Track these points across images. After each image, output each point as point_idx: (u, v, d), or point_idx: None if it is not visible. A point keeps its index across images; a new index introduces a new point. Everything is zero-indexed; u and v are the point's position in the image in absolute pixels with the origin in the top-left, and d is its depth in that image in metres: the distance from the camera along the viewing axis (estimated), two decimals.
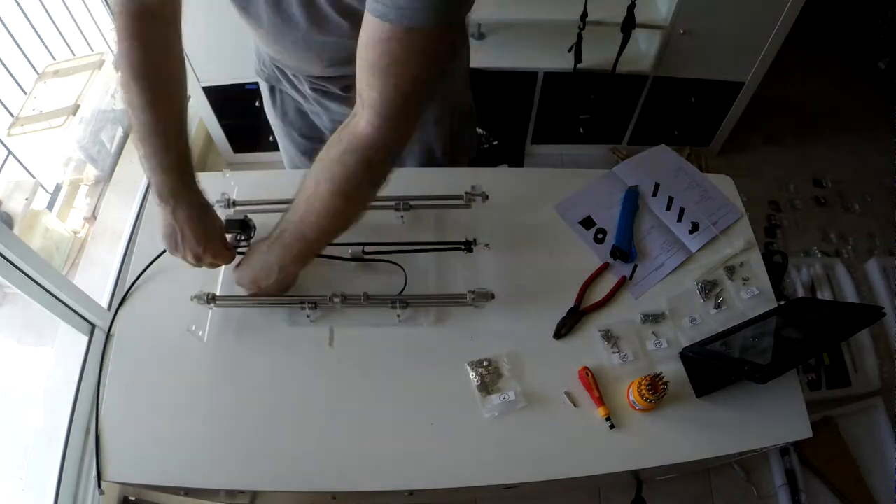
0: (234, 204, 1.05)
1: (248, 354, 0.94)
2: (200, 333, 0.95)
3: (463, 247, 0.99)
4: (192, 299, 0.94)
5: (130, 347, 0.95)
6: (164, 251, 1.01)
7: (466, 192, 1.02)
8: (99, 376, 0.96)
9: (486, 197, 1.02)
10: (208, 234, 0.90)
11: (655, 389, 0.85)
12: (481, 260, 1.02)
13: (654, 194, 1.12)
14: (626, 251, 1.03)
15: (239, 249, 0.98)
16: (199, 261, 0.92)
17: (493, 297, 0.94)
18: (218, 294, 0.96)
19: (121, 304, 1.00)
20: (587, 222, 1.08)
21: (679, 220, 1.08)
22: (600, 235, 1.07)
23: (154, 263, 1.01)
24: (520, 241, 1.05)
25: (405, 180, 1.00)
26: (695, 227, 1.07)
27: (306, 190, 0.80)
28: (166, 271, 1.01)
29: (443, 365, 0.93)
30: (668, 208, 1.10)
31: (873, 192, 2.29)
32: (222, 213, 1.02)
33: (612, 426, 0.88)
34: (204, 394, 0.91)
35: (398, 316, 0.95)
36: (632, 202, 1.09)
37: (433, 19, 0.64)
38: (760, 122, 2.38)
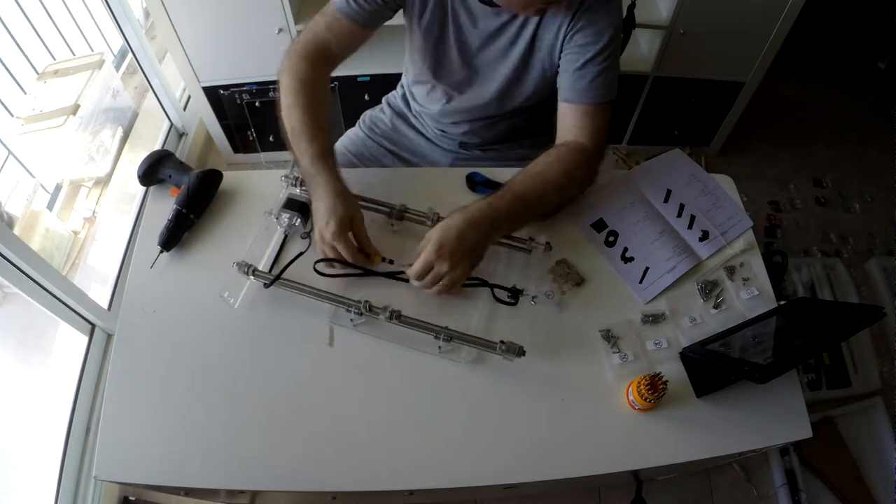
0: (302, 184, 1.06)
1: (247, 355, 0.94)
2: (232, 301, 0.96)
3: (509, 294, 0.97)
4: (233, 265, 0.95)
5: (131, 347, 0.95)
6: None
7: (530, 239, 1.01)
8: (99, 376, 0.96)
9: (550, 247, 1.01)
10: (339, 204, 0.95)
11: (655, 389, 0.85)
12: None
13: (666, 200, 1.11)
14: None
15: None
16: (328, 228, 0.94)
17: (524, 353, 0.90)
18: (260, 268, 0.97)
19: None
20: (599, 224, 1.08)
21: (689, 227, 1.08)
22: (611, 238, 1.06)
23: (154, 265, 1.01)
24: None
25: (405, 179, 1.00)
26: (705, 236, 1.07)
27: (535, 169, 1.00)
28: (169, 272, 1.01)
29: (442, 365, 0.93)
30: (679, 215, 1.10)
31: (873, 192, 2.29)
32: (286, 191, 1.05)
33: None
34: (204, 394, 0.91)
35: (440, 347, 0.92)
36: None
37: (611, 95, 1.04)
38: (760, 122, 2.38)
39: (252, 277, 0.96)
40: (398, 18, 1.10)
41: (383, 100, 1.42)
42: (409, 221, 1.04)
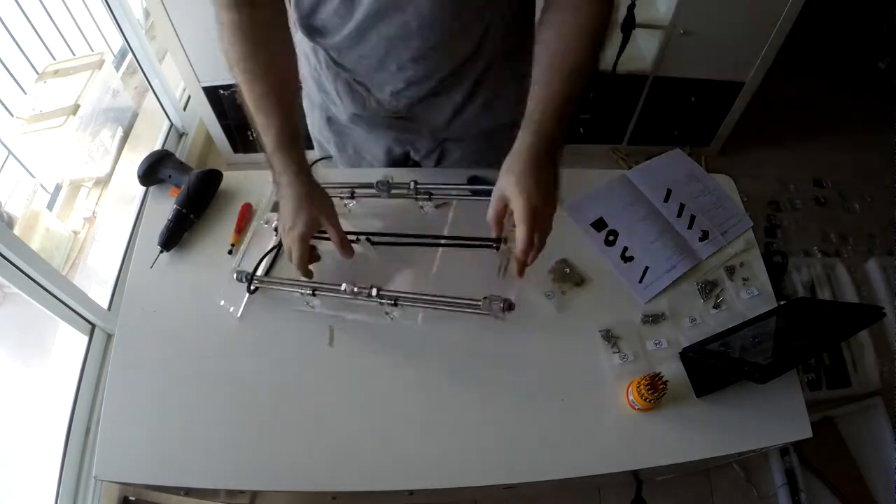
0: None
1: (247, 354, 0.94)
2: (232, 310, 0.96)
3: (493, 244, 0.93)
4: (233, 274, 0.96)
5: (131, 347, 0.95)
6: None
7: None
8: (99, 376, 0.96)
9: None
10: (302, 210, 0.87)
11: (655, 389, 0.85)
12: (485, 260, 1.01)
13: (666, 200, 1.11)
14: None
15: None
16: (293, 238, 0.88)
17: (512, 307, 0.86)
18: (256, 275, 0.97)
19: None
20: (599, 224, 1.08)
21: (689, 227, 1.08)
22: (611, 237, 1.06)
23: (154, 265, 1.01)
24: None
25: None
26: (705, 236, 1.07)
27: (570, 62, 0.81)
28: (169, 272, 1.01)
29: (442, 366, 0.93)
30: (679, 215, 1.10)
31: (873, 192, 2.29)
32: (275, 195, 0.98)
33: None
34: (204, 394, 0.91)
35: (388, 314, 0.93)
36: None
37: None
38: (760, 122, 2.38)
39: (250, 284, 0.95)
40: None
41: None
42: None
